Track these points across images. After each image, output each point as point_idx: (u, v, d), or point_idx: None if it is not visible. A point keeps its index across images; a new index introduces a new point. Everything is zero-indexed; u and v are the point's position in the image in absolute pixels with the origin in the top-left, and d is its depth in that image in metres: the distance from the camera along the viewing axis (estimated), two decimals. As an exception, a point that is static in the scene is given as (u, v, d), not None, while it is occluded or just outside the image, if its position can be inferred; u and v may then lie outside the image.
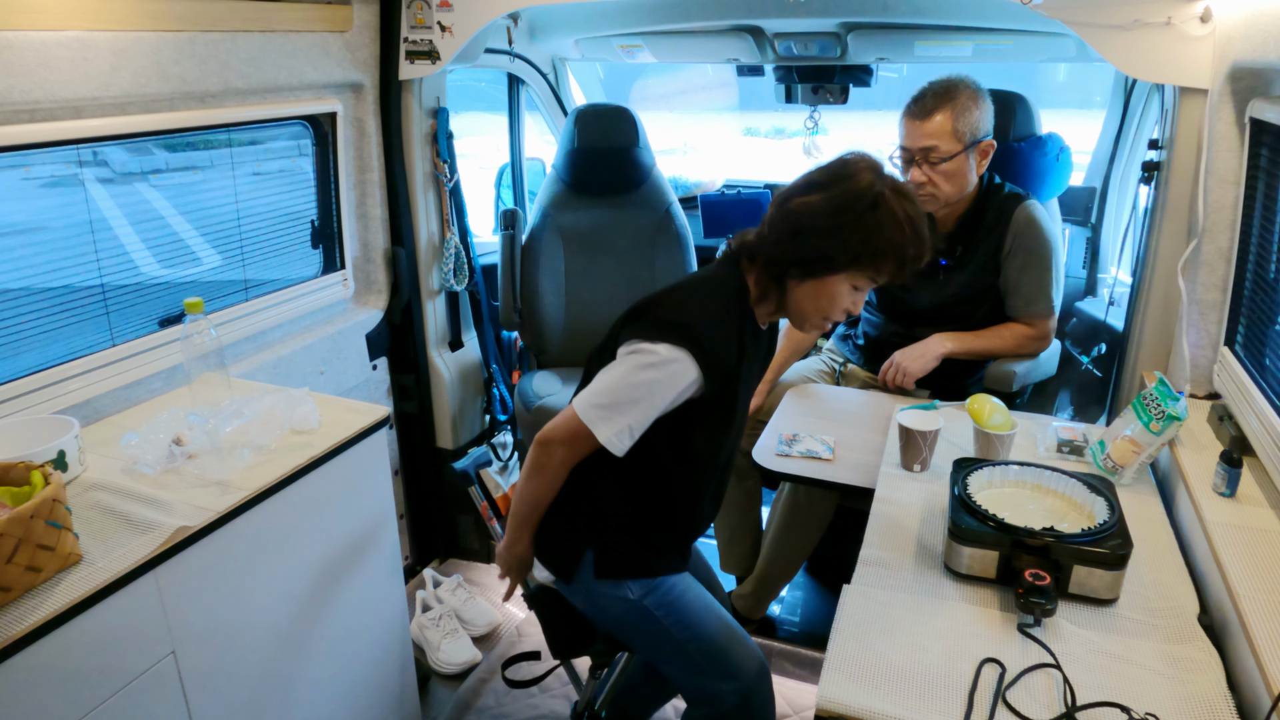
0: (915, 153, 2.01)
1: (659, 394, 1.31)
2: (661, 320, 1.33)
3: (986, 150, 2.03)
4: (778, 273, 1.37)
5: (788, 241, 1.34)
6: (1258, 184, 1.60)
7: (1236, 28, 1.53)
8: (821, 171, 1.37)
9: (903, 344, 2.15)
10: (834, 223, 1.31)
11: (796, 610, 2.48)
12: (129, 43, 1.62)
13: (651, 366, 1.30)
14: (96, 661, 1.19)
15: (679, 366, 1.29)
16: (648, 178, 2.83)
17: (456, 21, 2.18)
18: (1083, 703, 1.05)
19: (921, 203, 2.04)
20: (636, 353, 1.31)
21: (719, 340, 1.34)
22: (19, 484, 1.25)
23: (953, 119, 1.96)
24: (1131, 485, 1.55)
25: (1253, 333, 1.61)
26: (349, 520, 1.68)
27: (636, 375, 1.30)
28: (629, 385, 1.31)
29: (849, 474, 1.79)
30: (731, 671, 1.45)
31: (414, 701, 1.97)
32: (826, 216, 1.31)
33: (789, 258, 1.35)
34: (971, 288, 2.10)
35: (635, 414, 1.31)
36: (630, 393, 1.30)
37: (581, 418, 1.32)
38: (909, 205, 1.33)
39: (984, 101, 2.01)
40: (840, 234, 1.31)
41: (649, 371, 1.30)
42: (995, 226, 2.06)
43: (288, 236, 2.20)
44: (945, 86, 1.99)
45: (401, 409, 2.55)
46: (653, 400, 1.31)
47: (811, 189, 1.34)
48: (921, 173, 2.01)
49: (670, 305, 1.36)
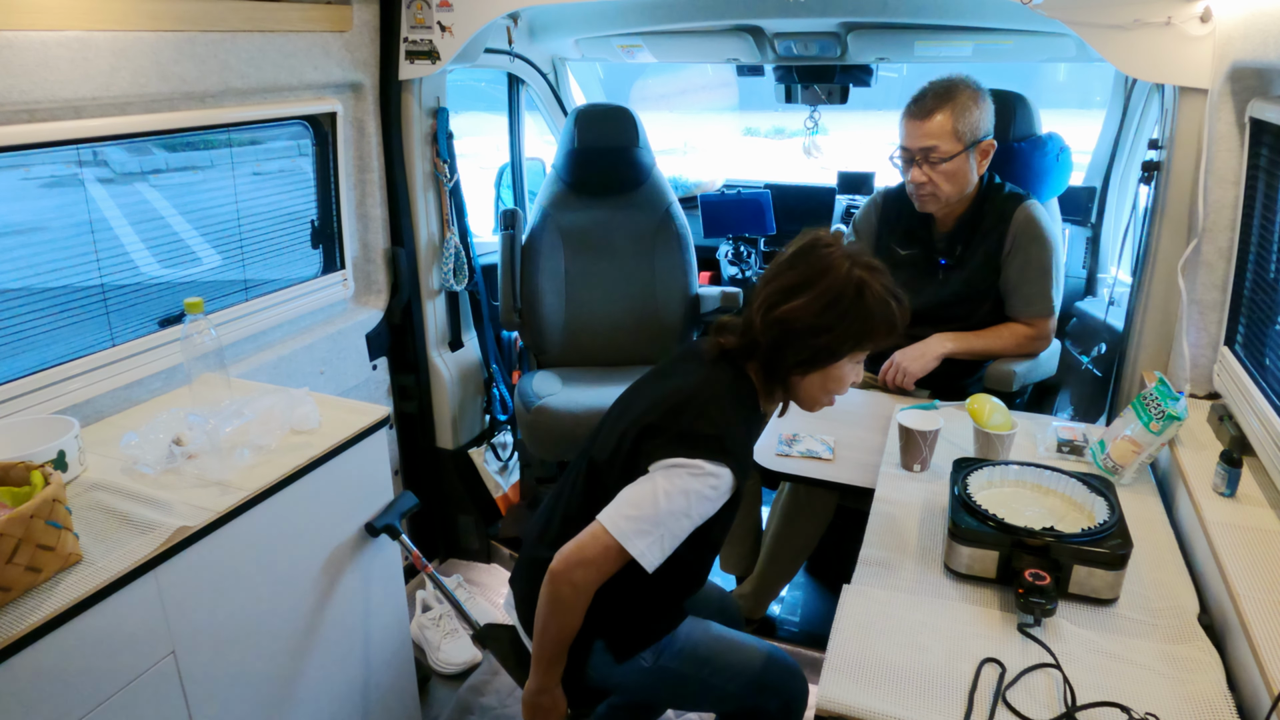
0: (915, 153, 2.00)
1: (702, 508, 1.29)
2: (695, 434, 1.29)
3: (987, 150, 2.03)
4: (782, 375, 1.39)
5: (785, 347, 1.35)
6: (1258, 184, 1.60)
7: (1236, 28, 1.53)
8: (796, 270, 1.35)
9: (903, 344, 2.14)
10: (826, 321, 1.32)
11: (796, 610, 2.48)
12: (129, 43, 1.62)
13: (695, 479, 1.26)
14: (96, 661, 1.19)
15: (722, 481, 1.28)
16: (648, 178, 2.83)
17: (456, 21, 2.18)
18: (1083, 703, 1.05)
19: (922, 202, 2.09)
20: (677, 467, 1.27)
21: (744, 444, 1.36)
22: (19, 484, 1.25)
23: (953, 119, 1.96)
24: (1131, 485, 1.55)
25: (1253, 332, 1.61)
26: (349, 520, 1.68)
27: (679, 491, 1.26)
28: (670, 499, 1.25)
29: (849, 474, 1.79)
30: (770, 686, 1.46)
31: (414, 701, 1.97)
32: (817, 316, 1.32)
33: (790, 361, 1.36)
34: (972, 287, 2.10)
35: (676, 528, 1.27)
36: (671, 506, 1.25)
37: (613, 533, 1.25)
38: (884, 278, 1.36)
39: (984, 101, 2.00)
40: (835, 328, 1.32)
41: (694, 484, 1.26)
42: (995, 227, 2.06)
43: (288, 236, 2.20)
44: (945, 87, 1.99)
45: (401, 409, 2.55)
46: (695, 515, 1.28)
47: (795, 293, 1.33)
48: (922, 172, 2.01)
49: (694, 414, 1.32)
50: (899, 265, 2.12)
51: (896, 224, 2.20)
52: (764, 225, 3.17)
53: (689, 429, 1.30)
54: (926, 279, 2.13)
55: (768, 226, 3.17)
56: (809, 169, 3.22)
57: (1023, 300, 2.07)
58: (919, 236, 2.16)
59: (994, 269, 2.07)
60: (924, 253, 2.16)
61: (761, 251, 3.27)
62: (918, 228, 2.16)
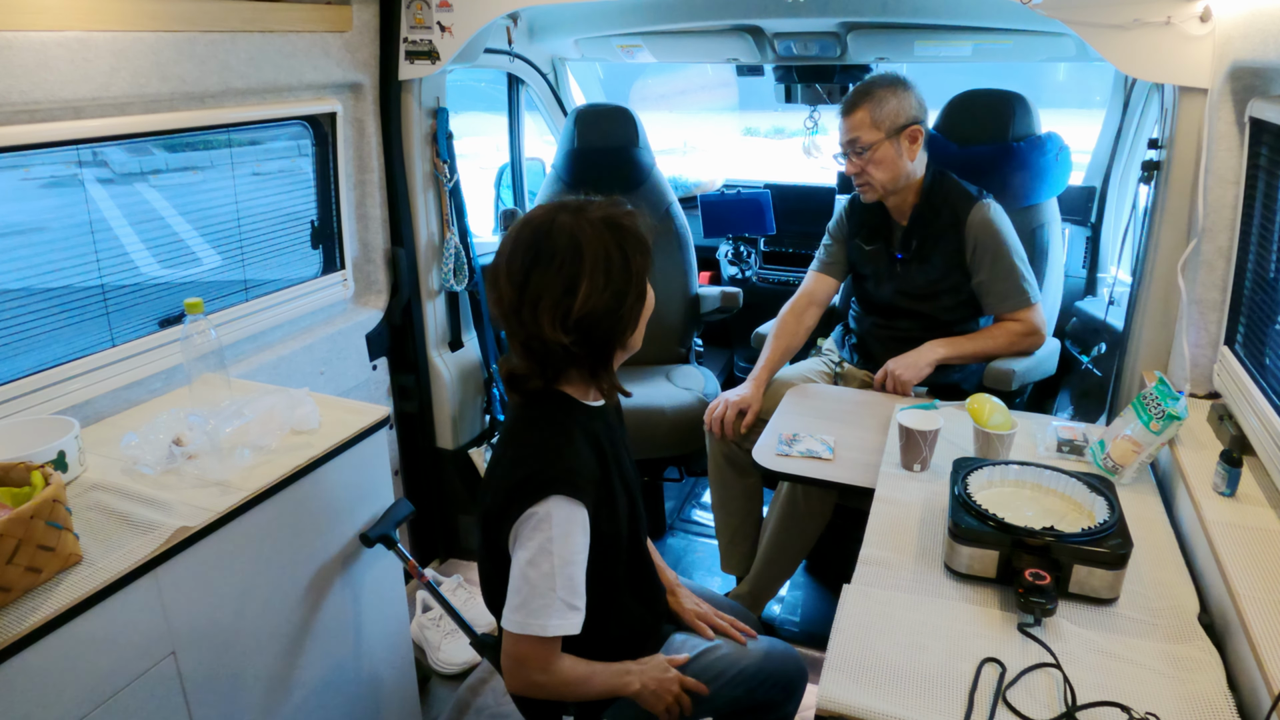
0: (845, 146, 2.15)
1: (567, 549, 1.20)
2: (512, 488, 1.22)
3: (914, 135, 2.11)
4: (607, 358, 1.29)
5: (600, 336, 1.25)
6: (1257, 184, 1.60)
7: (1236, 27, 1.53)
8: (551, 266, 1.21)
9: (883, 335, 2.26)
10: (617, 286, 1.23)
11: (796, 610, 2.48)
12: (129, 43, 1.62)
13: (538, 532, 1.20)
14: (96, 662, 1.19)
15: (558, 512, 1.20)
16: (647, 177, 2.83)
17: (456, 21, 2.18)
18: (1083, 702, 1.05)
19: (862, 192, 2.20)
20: (520, 533, 1.21)
21: (567, 462, 1.24)
22: (19, 484, 1.25)
23: (869, 111, 2.09)
24: (1131, 485, 1.55)
25: (1253, 332, 1.61)
26: (349, 521, 1.68)
27: (538, 553, 1.19)
28: (537, 568, 1.19)
29: (849, 474, 1.79)
30: (772, 676, 1.46)
31: (414, 701, 1.97)
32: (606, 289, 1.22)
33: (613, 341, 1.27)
34: (937, 285, 2.18)
35: (565, 581, 1.20)
36: (541, 571, 1.19)
37: (521, 632, 1.20)
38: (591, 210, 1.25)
39: (903, 91, 2.10)
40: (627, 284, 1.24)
41: (539, 538, 1.19)
42: (951, 227, 2.13)
43: (287, 237, 2.20)
44: (866, 84, 2.15)
45: (401, 409, 2.55)
46: (568, 557, 1.20)
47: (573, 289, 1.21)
48: (853, 164, 2.14)
49: (505, 471, 1.27)
50: (864, 259, 2.28)
51: (863, 222, 2.29)
52: (764, 225, 3.17)
53: (506, 486, 1.24)
54: (887, 272, 2.24)
55: (768, 226, 3.17)
56: (809, 169, 3.22)
57: (998, 297, 2.13)
58: (879, 233, 2.26)
59: (959, 270, 2.14)
60: (884, 248, 2.25)
61: (761, 251, 3.27)
62: (878, 224, 2.26)
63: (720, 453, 2.26)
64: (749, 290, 3.07)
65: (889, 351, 2.15)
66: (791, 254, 3.29)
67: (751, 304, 2.92)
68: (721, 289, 2.88)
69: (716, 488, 2.32)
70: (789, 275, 3.21)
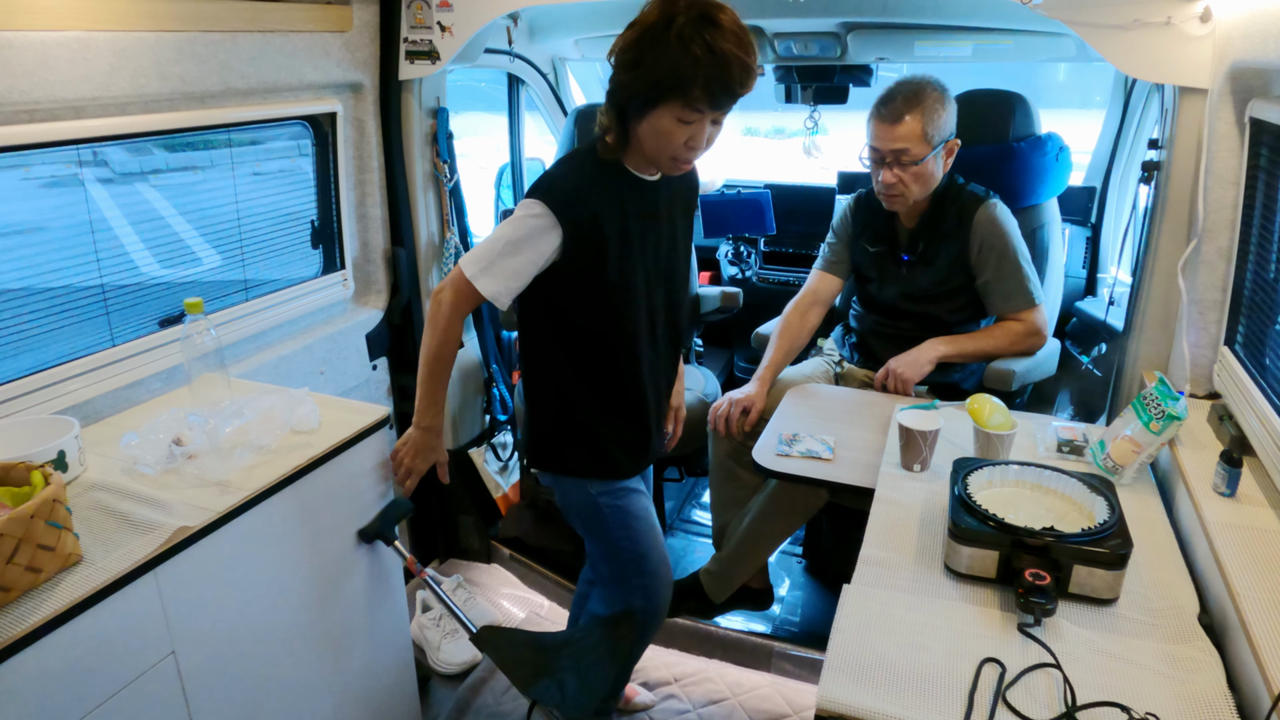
0: (886, 154, 2.03)
1: (521, 231, 1.46)
2: (526, 192, 1.50)
3: (952, 149, 2.08)
4: (620, 116, 1.46)
5: (617, 90, 1.43)
6: (1258, 184, 1.60)
7: (1236, 27, 1.53)
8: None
9: (885, 333, 2.23)
10: (633, 56, 1.37)
11: (796, 610, 2.48)
12: (129, 43, 1.62)
13: (517, 216, 1.47)
14: (96, 661, 1.19)
15: (536, 209, 1.46)
16: (647, 178, 2.82)
17: (456, 21, 2.18)
18: (1083, 702, 1.05)
19: (890, 202, 2.15)
20: (506, 214, 1.51)
21: (572, 187, 1.48)
22: (19, 484, 1.25)
23: (923, 122, 1.98)
24: (1131, 485, 1.55)
25: (1253, 332, 1.61)
26: (349, 521, 1.68)
27: (504, 229, 1.48)
28: (499, 233, 1.48)
29: (849, 474, 1.79)
30: (646, 591, 1.71)
31: (414, 701, 1.97)
32: (626, 52, 1.39)
33: (614, 100, 1.45)
34: (939, 284, 2.16)
35: (508, 261, 1.47)
36: (498, 235, 1.48)
37: (462, 266, 1.48)
38: (710, 31, 1.34)
39: (950, 102, 2.04)
40: (643, 63, 1.36)
41: (514, 217, 1.48)
42: (957, 228, 2.10)
43: (287, 236, 2.20)
44: (914, 90, 2.01)
45: (401, 409, 2.55)
46: (519, 241, 1.46)
47: (624, 33, 1.41)
48: (893, 174, 2.04)
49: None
50: (869, 261, 2.25)
51: (868, 224, 2.26)
52: (764, 225, 3.17)
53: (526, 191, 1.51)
54: (892, 274, 2.21)
55: (768, 226, 3.17)
56: (809, 169, 3.21)
57: (1001, 297, 2.12)
58: (885, 234, 2.23)
59: (965, 270, 2.12)
60: (889, 249, 2.22)
61: (762, 252, 3.27)
62: (884, 226, 2.23)
63: (724, 452, 2.26)
64: (749, 290, 3.07)
65: (890, 350, 2.15)
66: (792, 254, 3.29)
67: (751, 304, 2.92)
68: (721, 289, 2.87)
69: (716, 489, 2.32)
70: (789, 275, 3.21)
